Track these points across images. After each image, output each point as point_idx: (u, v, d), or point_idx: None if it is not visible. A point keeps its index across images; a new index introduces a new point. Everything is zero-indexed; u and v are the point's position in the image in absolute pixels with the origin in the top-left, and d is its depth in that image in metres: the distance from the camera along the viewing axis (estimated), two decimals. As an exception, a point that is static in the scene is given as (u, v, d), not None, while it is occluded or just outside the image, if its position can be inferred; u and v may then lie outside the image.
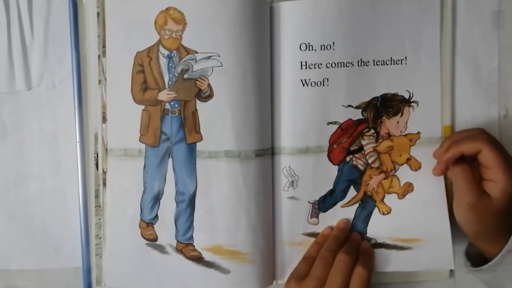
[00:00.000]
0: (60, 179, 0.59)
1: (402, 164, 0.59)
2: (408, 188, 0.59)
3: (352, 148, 0.58)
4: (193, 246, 0.56)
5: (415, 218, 0.59)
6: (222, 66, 0.54)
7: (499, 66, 0.60)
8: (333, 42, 0.56)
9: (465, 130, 0.57)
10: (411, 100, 0.58)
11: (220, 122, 0.55)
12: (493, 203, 0.53)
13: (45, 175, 0.59)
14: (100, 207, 0.57)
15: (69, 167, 0.59)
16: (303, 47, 0.56)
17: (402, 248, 0.59)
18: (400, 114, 0.58)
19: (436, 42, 0.58)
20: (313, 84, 0.56)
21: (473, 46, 0.60)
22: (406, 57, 0.57)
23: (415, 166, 0.59)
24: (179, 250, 0.56)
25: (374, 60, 0.57)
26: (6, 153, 0.59)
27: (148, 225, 0.56)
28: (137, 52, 0.55)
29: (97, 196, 0.57)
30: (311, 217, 0.58)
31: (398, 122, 0.58)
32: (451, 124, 0.59)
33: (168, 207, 0.56)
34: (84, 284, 0.58)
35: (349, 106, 0.57)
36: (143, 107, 0.55)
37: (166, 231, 0.56)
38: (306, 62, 0.56)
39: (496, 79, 0.60)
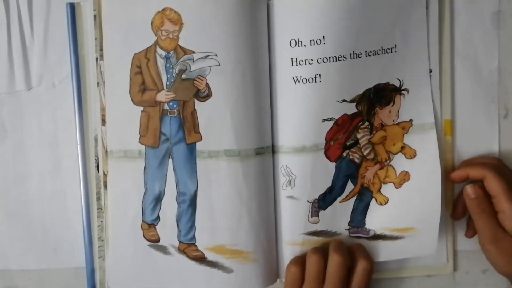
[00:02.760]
0: (60, 179, 0.59)
1: (397, 153, 0.58)
2: (405, 177, 0.58)
3: (348, 143, 0.58)
4: (196, 246, 0.56)
5: (411, 207, 0.58)
6: (219, 65, 0.54)
7: (499, 66, 0.60)
8: (323, 36, 0.54)
9: (483, 157, 0.59)
10: (402, 88, 0.58)
11: (219, 121, 0.55)
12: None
13: (45, 175, 0.59)
14: (101, 209, 0.57)
15: (69, 167, 0.59)
16: (293, 43, 0.55)
17: (396, 238, 0.59)
18: (391, 103, 0.58)
19: (423, 26, 0.57)
20: (304, 81, 0.55)
21: (473, 46, 0.60)
22: (395, 45, 0.56)
23: (410, 154, 0.58)
24: (181, 251, 0.56)
25: (366, 51, 0.55)
26: (6, 153, 0.59)
27: (150, 226, 0.56)
28: (135, 54, 0.55)
29: (98, 199, 0.57)
30: (311, 216, 0.58)
31: (390, 112, 0.58)
32: (451, 118, 0.59)
33: (169, 208, 0.56)
34: (88, 287, 0.58)
35: (344, 101, 0.56)
36: (142, 108, 0.55)
37: (168, 232, 0.56)
38: (296, 58, 0.55)
39: (496, 79, 0.60)
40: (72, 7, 0.57)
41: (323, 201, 0.58)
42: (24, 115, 0.59)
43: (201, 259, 0.56)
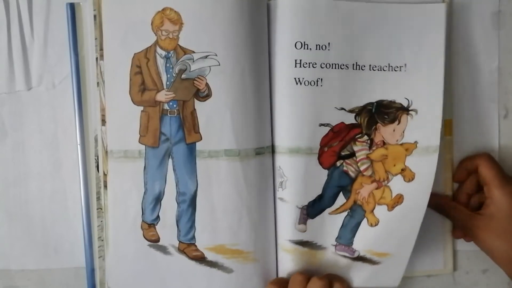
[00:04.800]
0: (60, 179, 0.59)
1: (396, 174, 0.57)
2: (399, 200, 0.57)
3: (343, 153, 0.57)
4: (195, 246, 0.56)
5: (395, 231, 0.57)
6: (219, 65, 0.54)
7: (499, 66, 0.60)
8: (329, 43, 0.55)
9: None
10: (410, 108, 0.56)
11: (219, 121, 0.55)
12: (492, 222, 0.54)
13: (45, 175, 0.59)
14: (101, 209, 0.57)
15: (69, 167, 0.59)
16: (298, 45, 0.55)
17: (374, 262, 0.57)
18: (397, 122, 0.56)
19: (441, 49, 0.56)
20: (306, 83, 0.55)
21: (473, 46, 0.60)
22: (405, 64, 0.56)
23: (409, 177, 0.56)
24: (181, 251, 0.56)
25: (370, 65, 0.56)
26: (6, 153, 0.59)
27: (150, 226, 0.56)
28: (135, 54, 0.55)
29: (98, 198, 0.57)
30: (299, 223, 0.56)
31: (394, 130, 0.57)
32: (451, 118, 0.59)
33: (169, 208, 0.56)
34: (88, 287, 0.58)
35: (342, 109, 0.56)
36: (142, 108, 0.55)
37: (168, 232, 0.56)
38: (300, 60, 0.55)
39: (496, 79, 0.60)
40: (72, 7, 0.56)
41: (312, 209, 0.57)
42: (24, 115, 0.59)
43: (201, 259, 0.56)
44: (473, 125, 0.60)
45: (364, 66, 0.56)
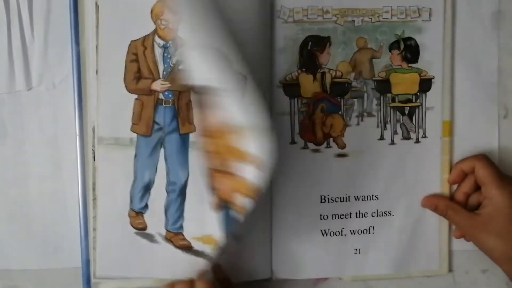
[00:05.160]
0: (60, 179, 0.59)
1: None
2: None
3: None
4: (183, 235, 0.56)
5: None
6: None
7: (499, 66, 0.60)
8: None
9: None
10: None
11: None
12: (490, 222, 0.54)
13: (45, 175, 0.59)
14: (96, 199, 0.57)
15: (69, 167, 0.58)
16: None
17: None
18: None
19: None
20: None
21: (473, 46, 0.60)
22: None
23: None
24: (168, 239, 0.56)
25: None
26: (6, 153, 0.59)
27: (137, 214, 0.56)
28: (131, 41, 0.55)
29: (94, 189, 0.57)
30: None
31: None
32: (450, 119, 0.59)
33: (158, 197, 0.56)
34: (83, 279, 0.58)
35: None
36: (135, 96, 0.55)
37: (155, 221, 0.56)
38: None
39: (496, 79, 0.60)
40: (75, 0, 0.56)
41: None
42: (24, 115, 0.59)
43: (187, 248, 0.56)
44: (473, 125, 0.60)
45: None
